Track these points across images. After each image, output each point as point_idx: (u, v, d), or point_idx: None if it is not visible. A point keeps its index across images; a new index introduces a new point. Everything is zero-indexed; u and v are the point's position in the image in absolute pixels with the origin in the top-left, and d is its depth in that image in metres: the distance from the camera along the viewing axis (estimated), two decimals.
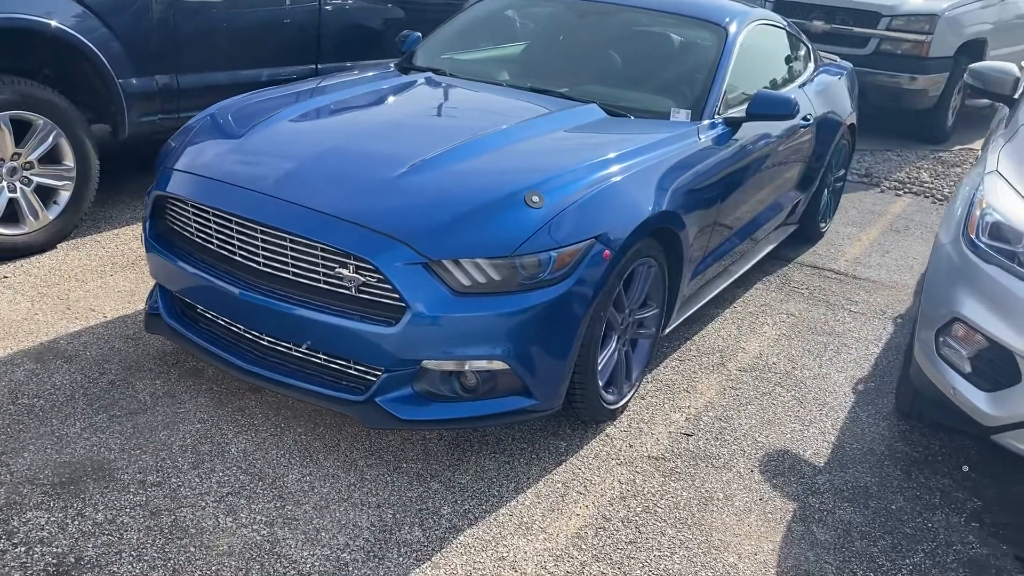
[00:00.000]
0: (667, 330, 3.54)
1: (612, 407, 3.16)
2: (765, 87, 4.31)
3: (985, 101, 6.96)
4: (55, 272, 4.01)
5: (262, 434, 2.96)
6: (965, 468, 3.21)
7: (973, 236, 2.91)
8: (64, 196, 4.24)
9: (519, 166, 2.94)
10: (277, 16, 5.00)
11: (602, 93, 3.78)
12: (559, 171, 2.90)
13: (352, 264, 2.63)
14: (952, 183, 6.89)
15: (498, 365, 2.69)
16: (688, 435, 3.21)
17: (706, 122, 3.63)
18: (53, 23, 4.00)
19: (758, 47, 4.33)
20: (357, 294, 2.67)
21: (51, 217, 4.21)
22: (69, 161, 4.21)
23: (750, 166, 3.89)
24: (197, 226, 2.97)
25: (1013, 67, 4.06)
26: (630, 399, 3.30)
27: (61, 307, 3.69)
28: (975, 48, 7.93)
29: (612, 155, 3.09)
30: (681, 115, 3.63)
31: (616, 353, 3.14)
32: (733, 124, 3.74)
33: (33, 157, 4.08)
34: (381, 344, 2.62)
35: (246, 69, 4.92)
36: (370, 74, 4.02)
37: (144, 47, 4.39)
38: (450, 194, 2.74)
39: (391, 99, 3.58)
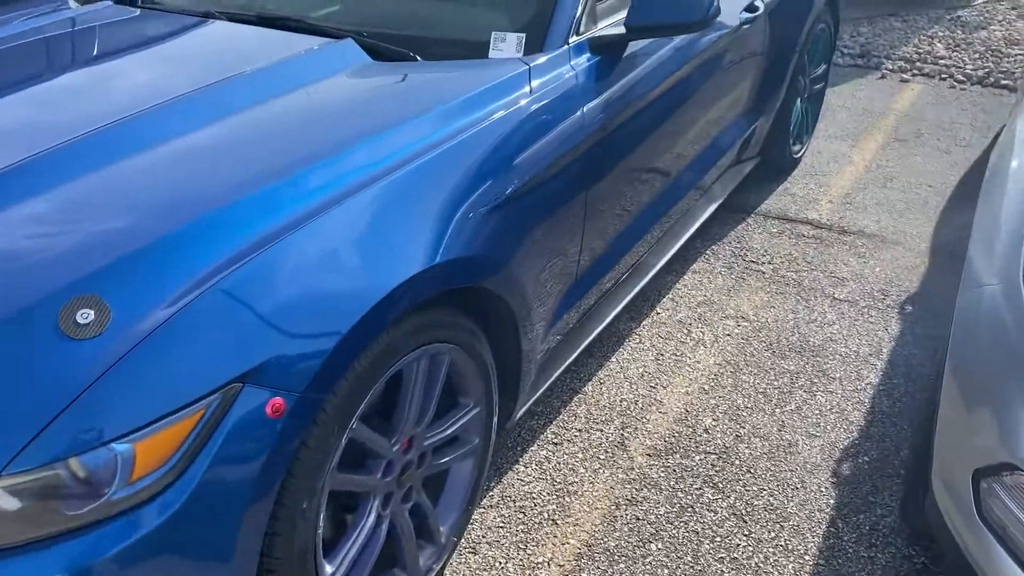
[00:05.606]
0: (514, 418, 2.11)
1: None
2: None
3: None
4: None
5: None
6: None
7: None
8: None
9: (77, 232, 1.42)
10: None
11: (379, 17, 2.21)
12: (177, 226, 1.39)
13: None
14: (976, 56, 5.20)
15: None
16: None
17: (553, 53, 2.06)
18: None
19: None
20: None
21: None
22: None
23: (648, 109, 2.34)
24: None
25: None
26: (440, 572, 1.90)
27: None
28: None
29: (343, 157, 1.58)
30: (508, 45, 2.06)
31: (383, 526, 1.72)
32: (609, 48, 2.17)
33: None
34: None
35: None
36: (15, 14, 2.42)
37: None
38: None
39: None
